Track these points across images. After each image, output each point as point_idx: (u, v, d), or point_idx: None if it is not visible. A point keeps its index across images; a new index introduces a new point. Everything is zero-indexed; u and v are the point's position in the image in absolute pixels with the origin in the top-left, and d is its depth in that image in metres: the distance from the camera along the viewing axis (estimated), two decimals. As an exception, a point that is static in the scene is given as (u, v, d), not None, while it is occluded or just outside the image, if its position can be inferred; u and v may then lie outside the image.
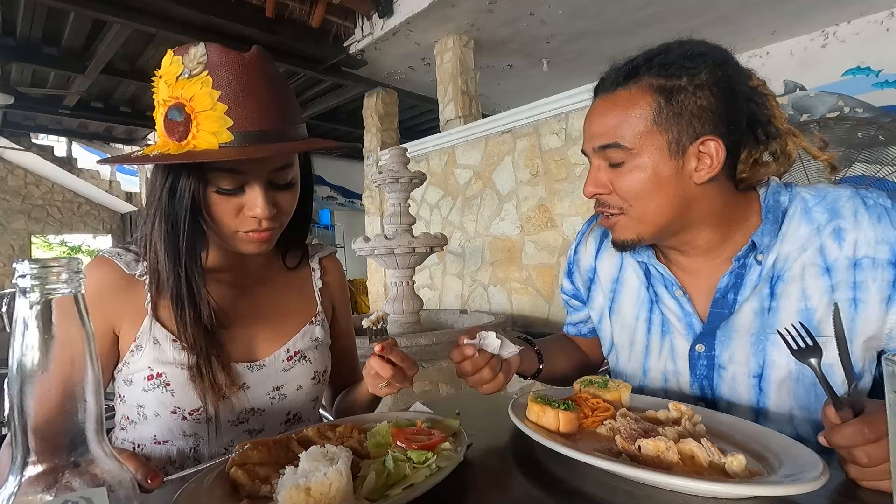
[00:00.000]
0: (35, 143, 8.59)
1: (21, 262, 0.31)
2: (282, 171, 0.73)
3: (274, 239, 0.77)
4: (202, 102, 0.65)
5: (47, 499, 0.30)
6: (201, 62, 0.66)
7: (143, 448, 0.77)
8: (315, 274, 0.95)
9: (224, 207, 0.71)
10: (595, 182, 0.76)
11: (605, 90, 0.75)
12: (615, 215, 0.76)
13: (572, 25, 4.62)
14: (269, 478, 0.53)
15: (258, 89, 0.68)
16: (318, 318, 0.91)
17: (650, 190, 0.72)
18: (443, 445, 0.58)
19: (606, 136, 0.73)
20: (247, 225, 0.73)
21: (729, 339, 0.76)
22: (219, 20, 4.30)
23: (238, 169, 0.69)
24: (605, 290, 0.94)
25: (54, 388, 0.31)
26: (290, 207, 0.77)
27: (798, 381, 0.72)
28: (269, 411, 0.81)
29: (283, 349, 0.84)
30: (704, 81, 0.69)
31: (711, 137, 0.70)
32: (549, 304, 3.90)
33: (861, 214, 0.69)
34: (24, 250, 9.00)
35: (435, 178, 4.82)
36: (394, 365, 0.74)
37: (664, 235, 0.77)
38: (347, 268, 8.75)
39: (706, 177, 0.71)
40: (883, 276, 0.67)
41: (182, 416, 0.75)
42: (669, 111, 0.69)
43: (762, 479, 0.51)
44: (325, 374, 0.89)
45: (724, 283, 0.77)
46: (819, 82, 4.63)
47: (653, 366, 0.86)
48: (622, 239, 0.77)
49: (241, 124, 0.66)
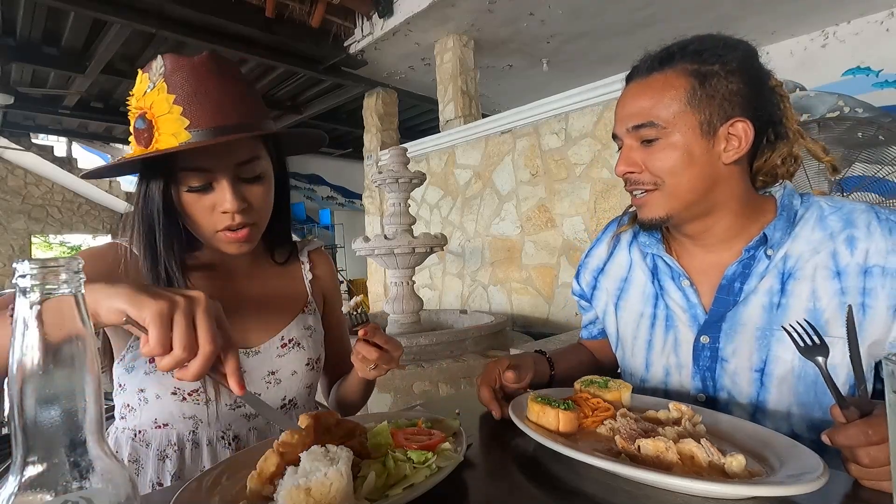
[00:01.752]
0: (35, 143, 8.58)
1: (21, 262, 0.31)
2: (247, 164, 0.75)
3: (254, 238, 0.80)
4: (160, 107, 0.70)
5: (47, 499, 0.30)
6: (160, 73, 0.71)
7: (144, 433, 0.79)
8: (305, 267, 0.98)
9: (197, 207, 0.74)
10: (628, 161, 0.79)
11: (639, 75, 0.78)
12: (649, 191, 0.79)
13: (572, 25, 4.62)
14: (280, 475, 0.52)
15: (210, 88, 0.71)
16: (310, 307, 0.94)
17: (683, 166, 0.75)
18: (443, 445, 0.58)
19: (640, 115, 0.76)
20: (222, 222, 0.75)
21: (734, 332, 0.78)
22: (219, 20, 4.30)
23: (202, 166, 0.72)
24: (612, 287, 0.96)
25: (54, 388, 0.31)
26: (261, 202, 0.79)
27: (800, 378, 0.73)
28: (266, 396, 0.84)
29: (278, 337, 0.87)
30: (736, 68, 0.74)
31: (741, 119, 0.74)
32: (549, 304, 3.90)
33: (874, 226, 0.72)
34: (24, 250, 8.99)
35: (435, 178, 4.82)
36: (379, 348, 0.76)
37: (689, 216, 0.79)
38: (347, 268, 8.76)
39: (734, 157, 0.75)
40: (892, 284, 0.69)
41: (182, 396, 0.78)
42: (703, 93, 0.73)
43: (762, 480, 0.51)
44: (318, 361, 0.93)
45: (731, 271, 0.79)
46: (819, 82, 4.63)
47: (655, 360, 0.87)
48: (651, 217, 0.79)
49: (198, 123, 0.70)
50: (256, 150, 0.77)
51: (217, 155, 0.72)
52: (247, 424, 0.83)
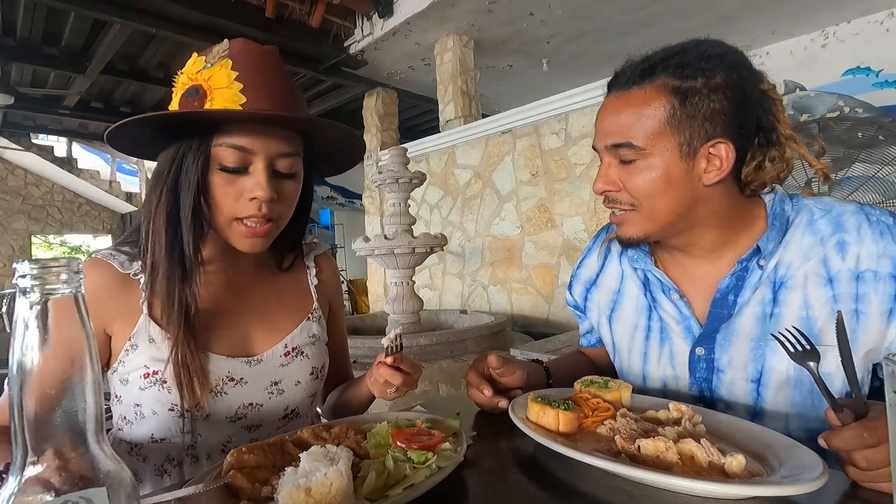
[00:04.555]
0: (35, 143, 8.58)
1: (21, 263, 0.31)
2: (286, 158, 0.74)
3: (271, 237, 0.77)
4: (219, 81, 0.70)
5: (47, 499, 0.30)
6: (223, 54, 0.72)
7: (142, 448, 0.77)
8: (311, 272, 0.95)
9: (225, 189, 0.72)
10: (606, 179, 0.76)
11: (619, 87, 0.75)
12: (625, 211, 0.77)
13: (572, 25, 4.62)
14: (268, 480, 0.53)
15: (272, 77, 0.73)
16: (315, 314, 0.91)
17: (660, 189, 0.72)
18: (443, 445, 0.58)
19: (619, 134, 0.73)
20: (246, 210, 0.72)
21: (728, 342, 0.77)
22: (219, 20, 4.29)
23: (244, 146, 0.71)
24: (604, 300, 0.95)
25: (54, 388, 0.31)
26: (290, 199, 0.78)
27: (795, 386, 0.72)
28: (268, 406, 0.81)
29: (281, 345, 0.84)
30: (719, 84, 0.69)
31: (722, 140, 0.70)
32: (549, 304, 3.90)
33: (864, 230, 0.70)
34: (24, 250, 8.99)
35: (435, 178, 4.82)
36: (404, 372, 0.76)
37: (670, 234, 0.78)
38: (347, 268, 8.75)
39: (715, 179, 0.72)
40: (885, 289, 0.68)
41: (179, 412, 0.74)
42: (683, 113, 0.70)
43: (762, 480, 0.51)
44: (322, 369, 0.90)
45: (725, 285, 0.77)
46: (819, 82, 4.63)
47: (651, 373, 0.86)
48: (629, 236, 0.78)
49: (255, 102, 0.70)
50: (297, 147, 0.77)
51: (262, 138, 0.71)
52: (248, 436, 0.80)
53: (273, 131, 0.72)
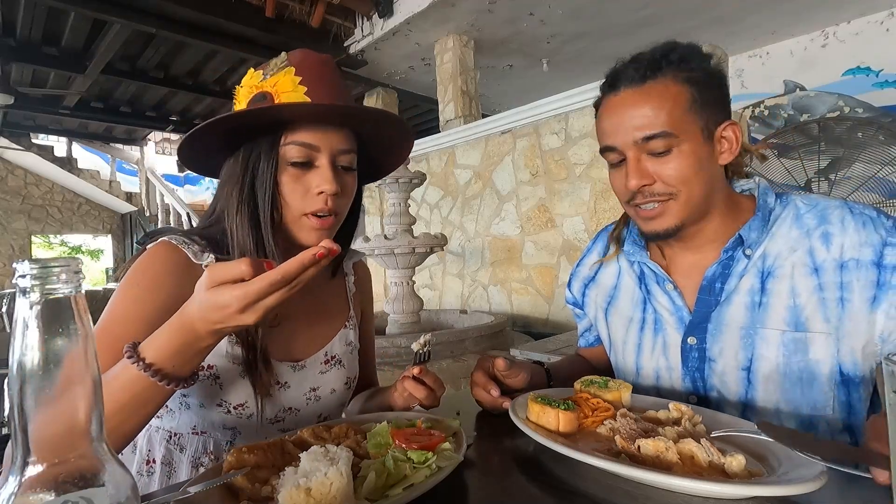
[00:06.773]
0: (35, 143, 8.58)
1: (21, 262, 0.31)
2: (346, 154, 0.79)
3: (333, 230, 0.80)
4: (285, 86, 0.74)
5: (47, 499, 0.30)
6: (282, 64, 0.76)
7: (181, 437, 0.78)
8: (349, 279, 0.97)
9: (294, 185, 0.76)
10: (640, 173, 0.76)
11: (628, 84, 0.76)
12: (661, 202, 0.77)
13: (572, 25, 4.62)
14: (268, 480, 0.53)
15: (333, 80, 0.79)
16: (351, 321, 0.93)
17: (694, 173, 0.75)
18: (443, 445, 0.58)
19: (650, 126, 0.74)
20: (313, 204, 0.76)
21: (719, 332, 0.79)
22: (219, 20, 4.30)
23: (310, 142, 0.75)
24: (601, 297, 0.98)
25: (54, 388, 0.31)
26: (350, 193, 0.81)
27: (785, 375, 0.74)
28: (304, 412, 0.83)
29: (322, 352, 0.86)
30: (713, 73, 0.77)
31: (731, 122, 0.77)
32: (549, 304, 3.90)
33: (847, 221, 0.74)
34: (24, 250, 9.00)
35: (435, 178, 4.82)
36: (427, 387, 0.79)
37: (695, 220, 0.79)
38: (347, 268, 8.76)
39: (729, 158, 0.77)
40: (867, 276, 0.70)
41: (227, 409, 0.76)
42: (701, 99, 0.74)
43: (762, 480, 0.51)
44: (355, 379, 0.92)
45: (711, 272, 0.81)
46: (819, 82, 4.64)
47: (645, 363, 0.88)
48: (665, 227, 0.78)
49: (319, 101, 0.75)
50: (354, 145, 0.80)
51: (325, 134, 0.76)
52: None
53: (334, 129, 0.77)
